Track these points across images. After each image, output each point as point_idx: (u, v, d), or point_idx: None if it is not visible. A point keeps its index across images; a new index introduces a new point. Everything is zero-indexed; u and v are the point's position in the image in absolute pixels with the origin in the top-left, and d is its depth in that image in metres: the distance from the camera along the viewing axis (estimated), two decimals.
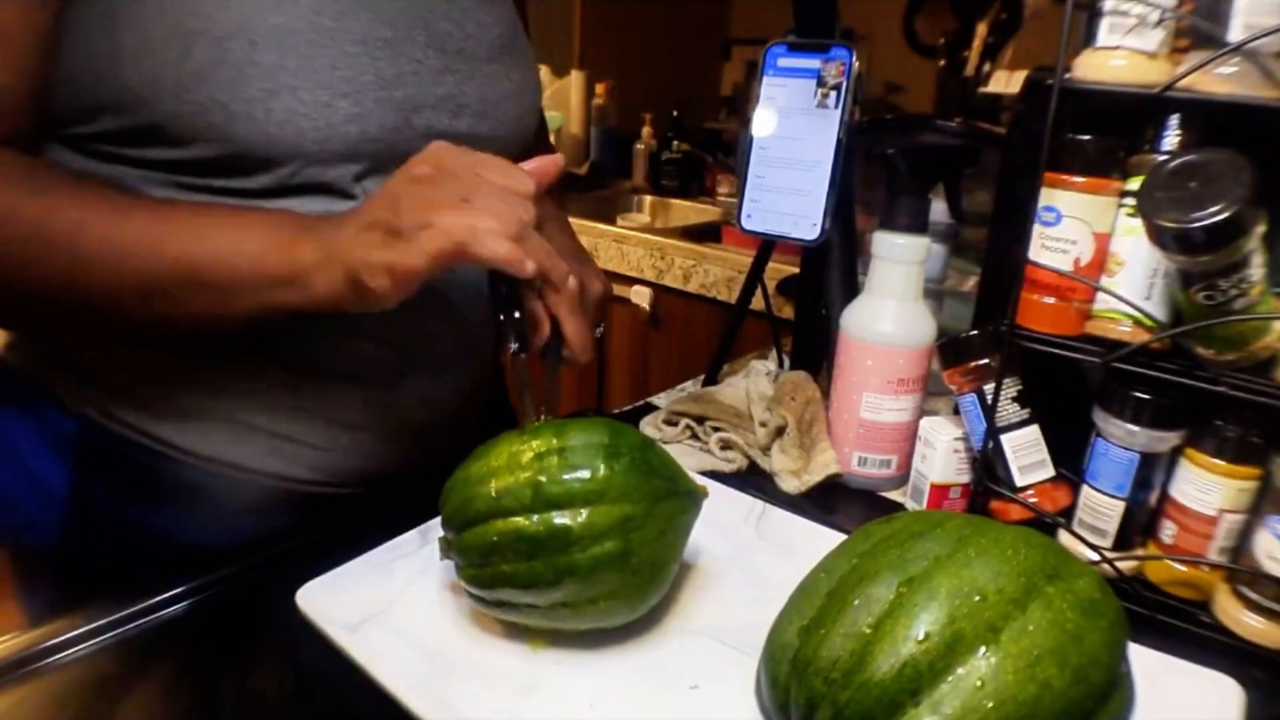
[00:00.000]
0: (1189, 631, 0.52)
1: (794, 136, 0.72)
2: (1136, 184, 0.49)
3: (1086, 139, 0.52)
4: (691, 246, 1.69)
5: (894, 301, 0.66)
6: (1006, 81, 1.44)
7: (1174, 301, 0.51)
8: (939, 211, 0.81)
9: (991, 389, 0.57)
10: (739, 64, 2.56)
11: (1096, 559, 0.55)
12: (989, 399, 0.57)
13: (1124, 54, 0.51)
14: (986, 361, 0.58)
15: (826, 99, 0.70)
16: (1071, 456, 0.59)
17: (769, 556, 0.57)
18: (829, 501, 0.67)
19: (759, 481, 0.68)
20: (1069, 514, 0.59)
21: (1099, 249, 0.54)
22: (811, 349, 0.82)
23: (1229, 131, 0.47)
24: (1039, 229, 0.55)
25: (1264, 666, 0.49)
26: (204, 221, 0.50)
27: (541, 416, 0.51)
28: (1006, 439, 0.58)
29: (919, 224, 0.66)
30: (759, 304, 0.85)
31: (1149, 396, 0.53)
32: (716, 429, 0.72)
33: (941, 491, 0.63)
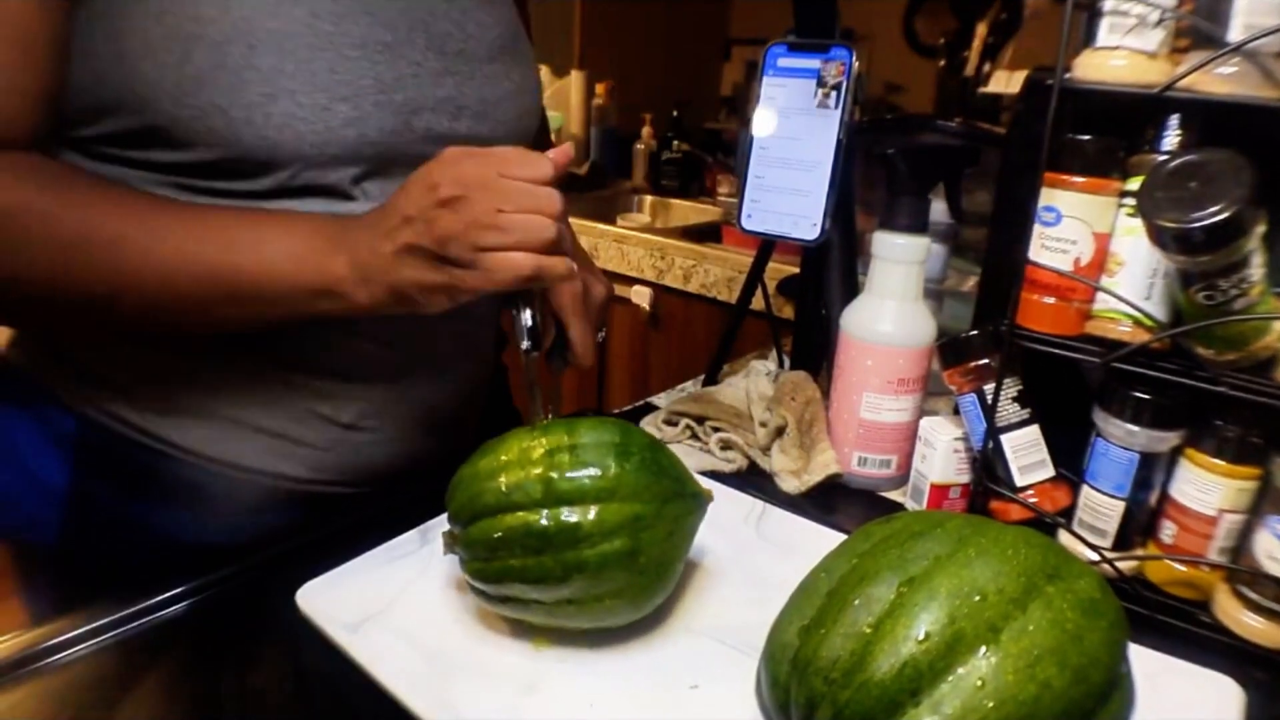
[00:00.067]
0: (1189, 631, 0.52)
1: (794, 136, 0.72)
2: (1136, 184, 0.49)
3: (1086, 139, 0.52)
4: (691, 246, 1.69)
5: (894, 301, 0.66)
6: (1006, 81, 1.44)
7: (1174, 301, 0.51)
8: (939, 211, 0.81)
9: (991, 389, 0.57)
10: (739, 64, 2.56)
11: (1096, 559, 0.55)
12: (989, 399, 0.57)
13: (1124, 54, 0.51)
14: (986, 361, 0.58)
15: (826, 99, 0.70)
16: (1071, 456, 0.59)
17: (769, 556, 0.57)
18: (829, 501, 0.67)
19: (759, 481, 0.68)
20: (1069, 514, 0.59)
21: (1099, 249, 0.54)
22: (811, 349, 0.83)
23: (1229, 131, 0.47)
24: (1039, 229, 0.55)
25: (1264, 666, 0.49)
26: (240, 232, 0.51)
27: (548, 415, 0.51)
28: (1006, 439, 0.58)
29: (919, 224, 0.66)
30: (759, 304, 0.85)
31: (1149, 396, 0.53)
32: (716, 429, 0.72)
33: (941, 491, 0.63)
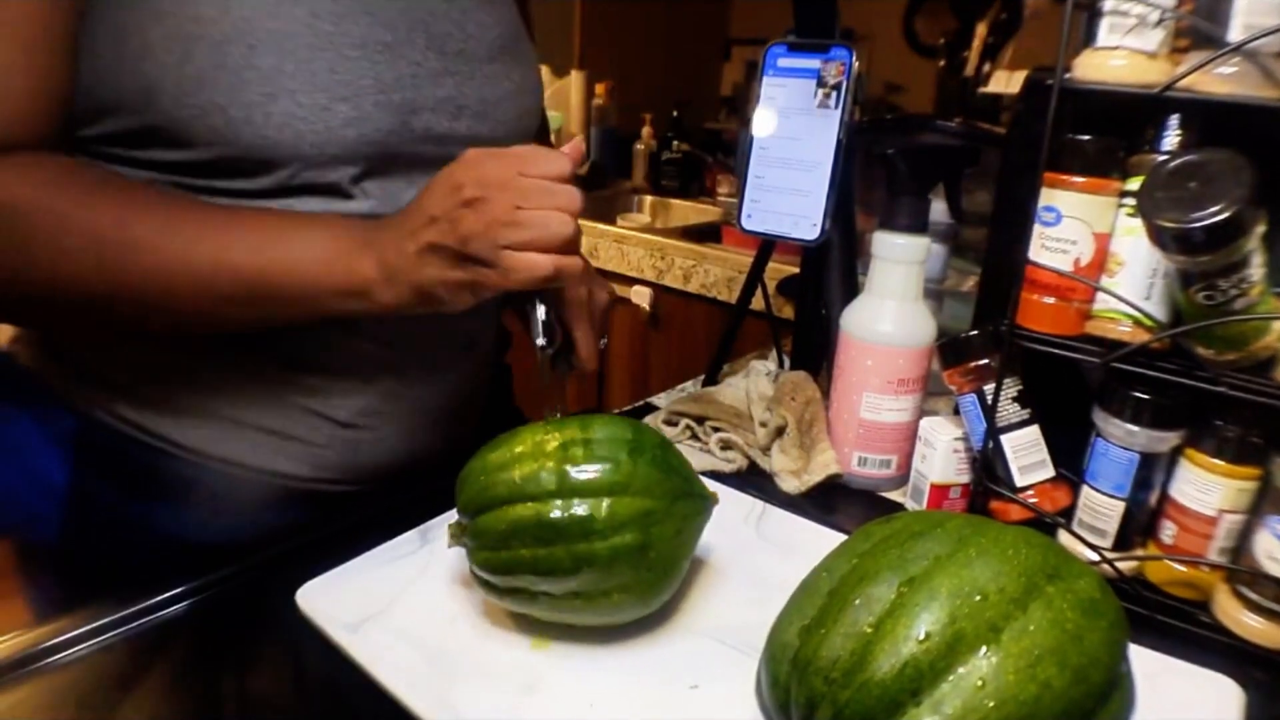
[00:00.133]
0: (1189, 631, 0.52)
1: (794, 136, 0.72)
2: (1136, 184, 0.49)
3: (1086, 139, 0.52)
4: (691, 246, 1.69)
5: (894, 301, 0.66)
6: (1006, 81, 1.44)
7: (1174, 301, 0.51)
8: (939, 211, 0.81)
9: (991, 389, 0.57)
10: (739, 64, 2.56)
11: (1096, 559, 0.55)
12: (989, 399, 0.57)
13: (1124, 54, 0.51)
14: (986, 361, 0.58)
15: (827, 99, 0.70)
16: (1071, 456, 0.58)
17: (769, 556, 0.57)
18: (829, 501, 0.67)
19: (759, 481, 0.68)
20: (1069, 514, 0.59)
21: (1099, 249, 0.54)
22: (811, 349, 0.82)
23: (1229, 131, 0.47)
24: (1039, 229, 0.55)
25: (1264, 666, 0.49)
26: (268, 233, 0.51)
27: (558, 416, 0.51)
28: (1006, 439, 0.58)
29: (919, 224, 0.66)
30: (759, 304, 0.85)
31: (1149, 396, 0.53)
32: (716, 429, 0.72)
33: (941, 491, 0.63)
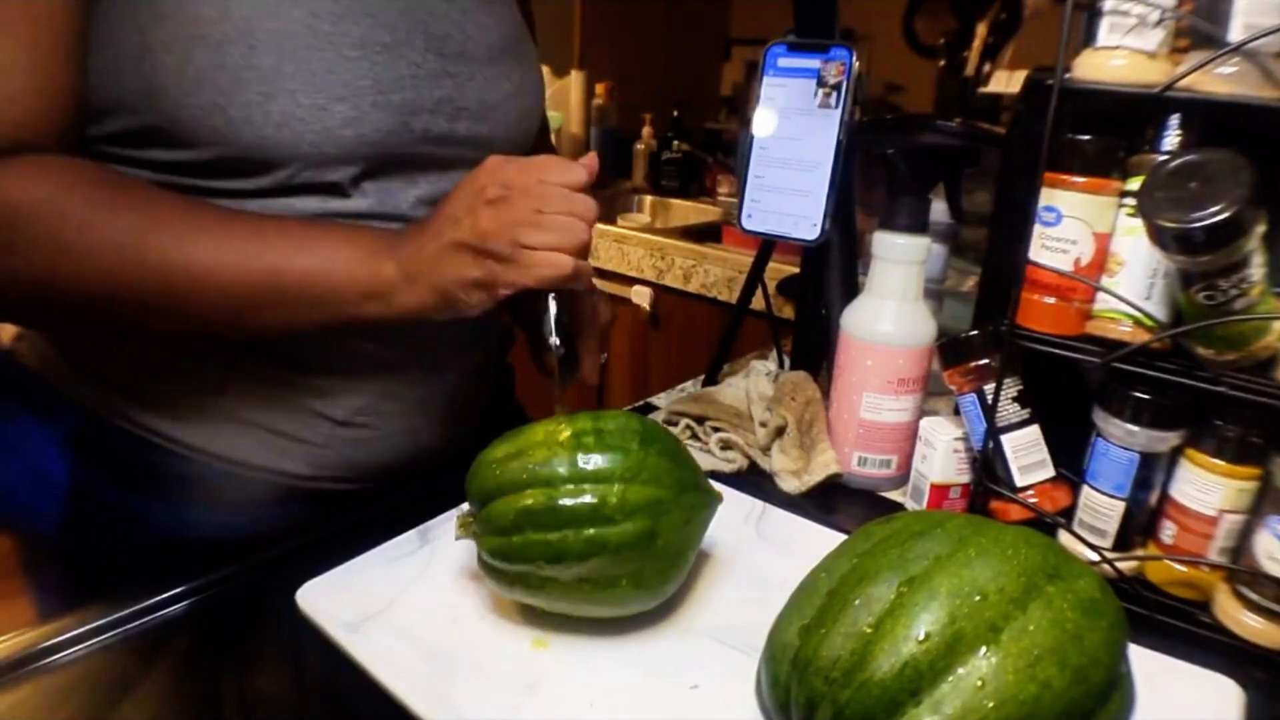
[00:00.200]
0: (1189, 631, 0.52)
1: (794, 136, 0.72)
2: (1136, 184, 0.49)
3: (1086, 139, 0.52)
4: (691, 246, 1.69)
5: (894, 301, 0.66)
6: (1006, 81, 1.44)
7: (1174, 301, 0.51)
8: (939, 211, 0.81)
9: (991, 389, 0.57)
10: (739, 64, 2.56)
11: (1096, 559, 0.55)
12: (989, 399, 0.57)
13: (1124, 54, 0.51)
14: (986, 361, 0.58)
15: (827, 99, 0.70)
16: (1071, 456, 0.58)
17: (769, 556, 0.57)
18: (829, 501, 0.67)
19: (759, 481, 0.68)
20: (1069, 514, 0.59)
21: (1099, 249, 0.54)
22: (811, 349, 0.82)
23: (1229, 131, 0.47)
24: (1039, 229, 0.55)
25: (1264, 666, 0.49)
26: (291, 237, 0.52)
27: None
28: (1006, 439, 0.58)
29: (919, 224, 0.66)
30: (759, 304, 0.85)
31: (1149, 396, 0.53)
32: (716, 429, 0.72)
33: (941, 491, 0.63)
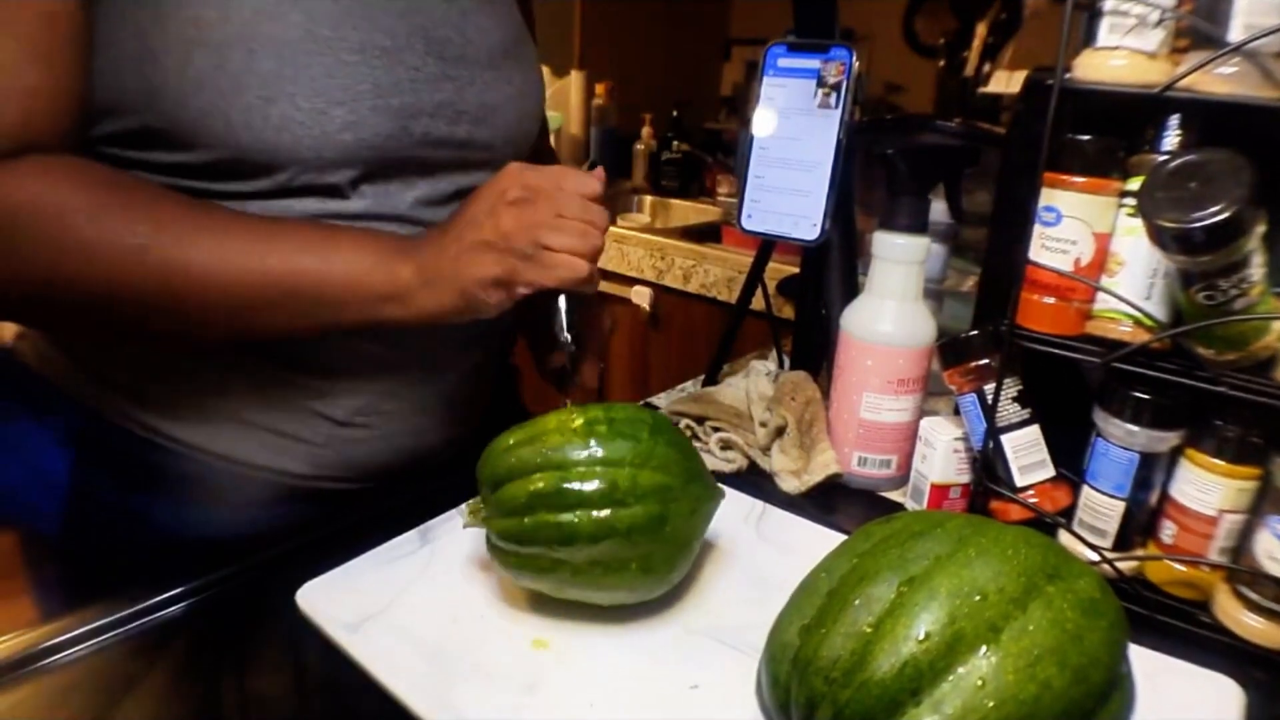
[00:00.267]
0: (1189, 631, 0.52)
1: (794, 136, 0.72)
2: (1136, 184, 0.49)
3: (1086, 139, 0.52)
4: (691, 246, 1.69)
5: (894, 301, 0.66)
6: (1006, 81, 1.44)
7: (1174, 301, 0.51)
8: (939, 211, 0.81)
9: (991, 389, 0.57)
10: (739, 64, 2.56)
11: (1096, 559, 0.55)
12: (989, 399, 0.57)
13: (1124, 54, 0.51)
14: (986, 361, 0.58)
15: (827, 99, 0.70)
16: (1071, 456, 0.58)
17: (769, 556, 0.57)
18: (829, 501, 0.67)
19: (759, 481, 0.68)
20: (1069, 514, 0.59)
21: (1099, 249, 0.54)
22: (811, 349, 0.82)
23: (1229, 131, 0.47)
24: (1039, 229, 0.55)
25: (1264, 666, 0.49)
26: (310, 241, 0.52)
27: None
28: (1006, 439, 0.58)
29: (919, 224, 0.66)
30: (759, 304, 0.85)
31: (1149, 396, 0.53)
32: (716, 429, 0.72)
33: (941, 491, 0.63)
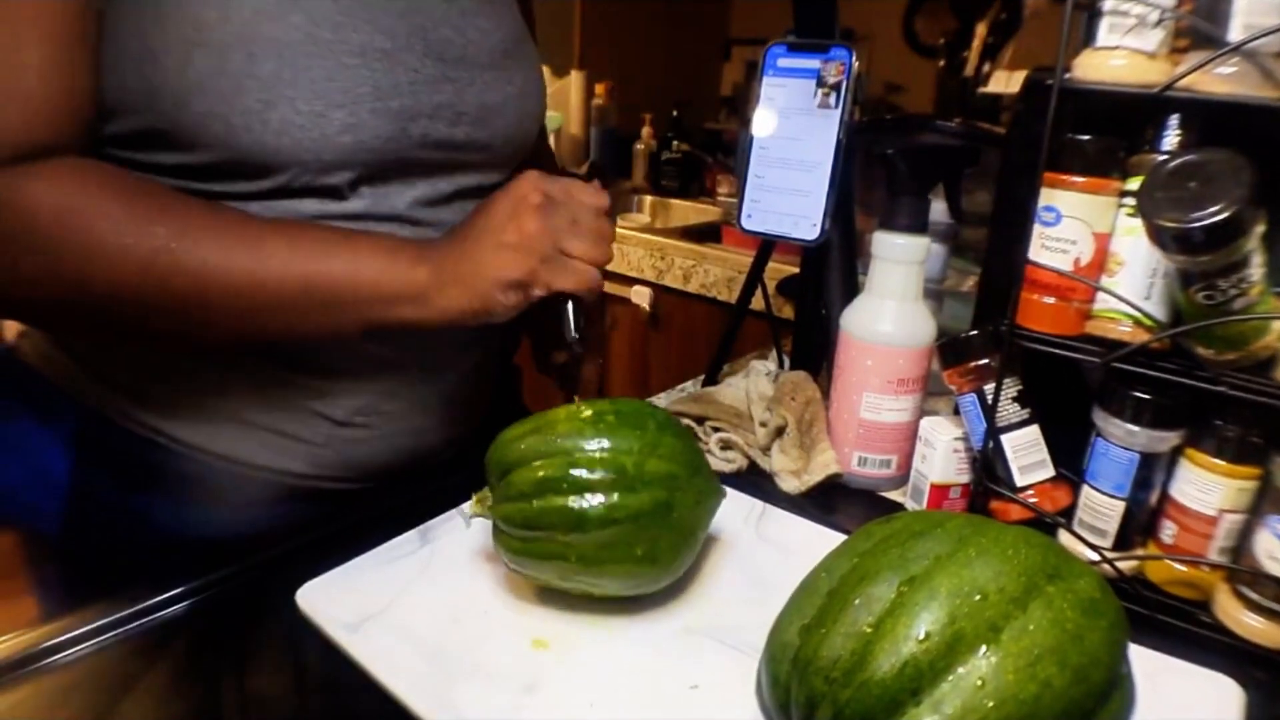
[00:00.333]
0: (1189, 631, 0.52)
1: (794, 136, 0.72)
2: (1136, 184, 0.49)
3: (1086, 139, 0.52)
4: (691, 246, 1.69)
5: (894, 301, 0.66)
6: (1006, 81, 1.44)
7: (1174, 301, 0.51)
8: (939, 211, 0.81)
9: (991, 389, 0.57)
10: (739, 64, 2.57)
11: (1097, 559, 0.55)
12: (989, 399, 0.57)
13: (1124, 54, 0.51)
14: (986, 361, 0.58)
15: (827, 99, 0.70)
16: (1071, 456, 0.58)
17: (769, 557, 0.57)
18: (829, 501, 0.67)
19: (759, 481, 0.68)
20: (1069, 514, 0.59)
21: (1099, 249, 0.54)
22: (811, 349, 0.82)
23: (1229, 131, 0.47)
24: (1039, 229, 0.55)
25: (1264, 666, 0.49)
26: (330, 244, 0.53)
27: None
28: (1006, 439, 0.58)
29: (919, 224, 0.66)
30: (759, 304, 0.85)
31: (1149, 396, 0.53)
32: (716, 429, 0.72)
33: (941, 491, 0.63)
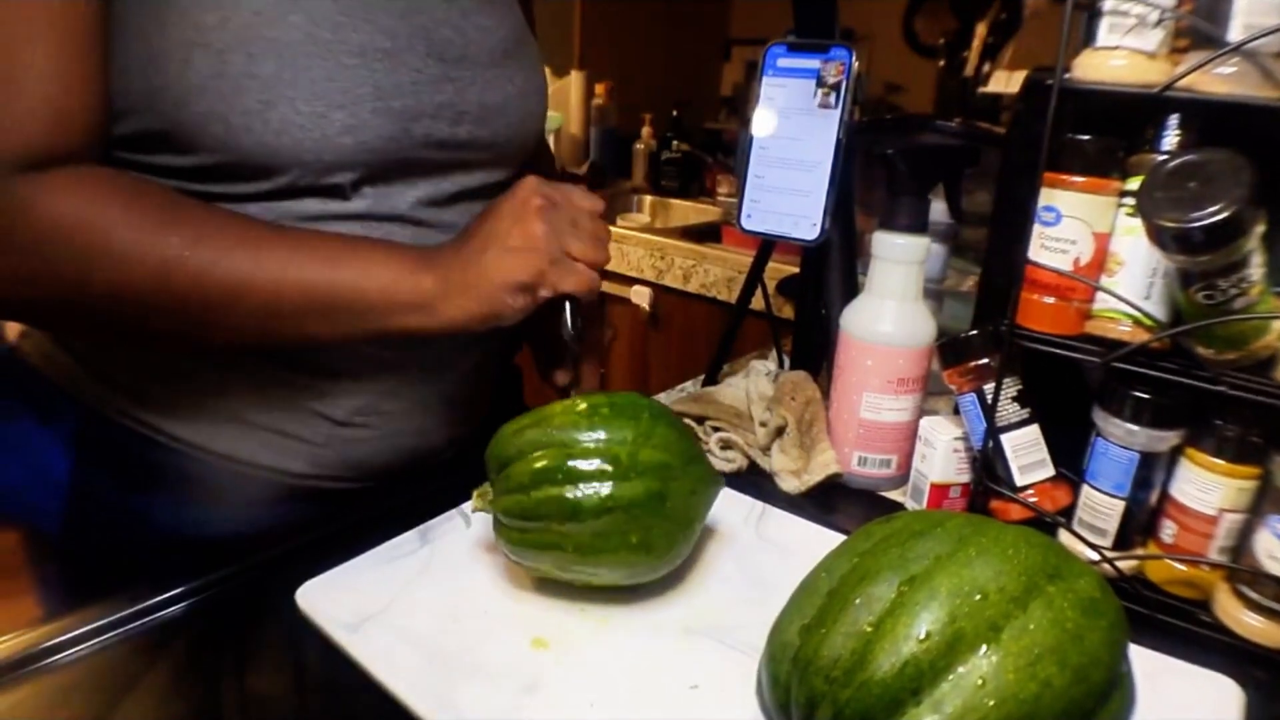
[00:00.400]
0: (1189, 631, 0.52)
1: (794, 136, 0.72)
2: (1136, 184, 0.49)
3: (1086, 139, 0.52)
4: (691, 246, 1.69)
5: (894, 301, 0.66)
6: (1006, 81, 1.44)
7: (1174, 301, 0.51)
8: (939, 211, 0.81)
9: (991, 389, 0.57)
10: (739, 64, 2.57)
11: (1097, 558, 0.55)
12: (989, 399, 0.57)
13: (1124, 54, 0.51)
14: (986, 361, 0.58)
15: (826, 99, 0.70)
16: (1071, 456, 0.58)
17: (769, 557, 0.57)
18: (829, 501, 0.67)
19: (759, 481, 0.68)
20: (1069, 514, 0.59)
21: (1099, 249, 0.54)
22: (811, 349, 0.82)
23: (1229, 131, 0.47)
24: (1039, 229, 0.55)
25: (1264, 666, 0.49)
26: (338, 252, 0.53)
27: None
28: (1006, 439, 0.58)
29: (919, 224, 0.66)
30: (759, 304, 0.85)
31: (1149, 396, 0.53)
32: (716, 429, 0.72)
33: (941, 491, 0.63)
